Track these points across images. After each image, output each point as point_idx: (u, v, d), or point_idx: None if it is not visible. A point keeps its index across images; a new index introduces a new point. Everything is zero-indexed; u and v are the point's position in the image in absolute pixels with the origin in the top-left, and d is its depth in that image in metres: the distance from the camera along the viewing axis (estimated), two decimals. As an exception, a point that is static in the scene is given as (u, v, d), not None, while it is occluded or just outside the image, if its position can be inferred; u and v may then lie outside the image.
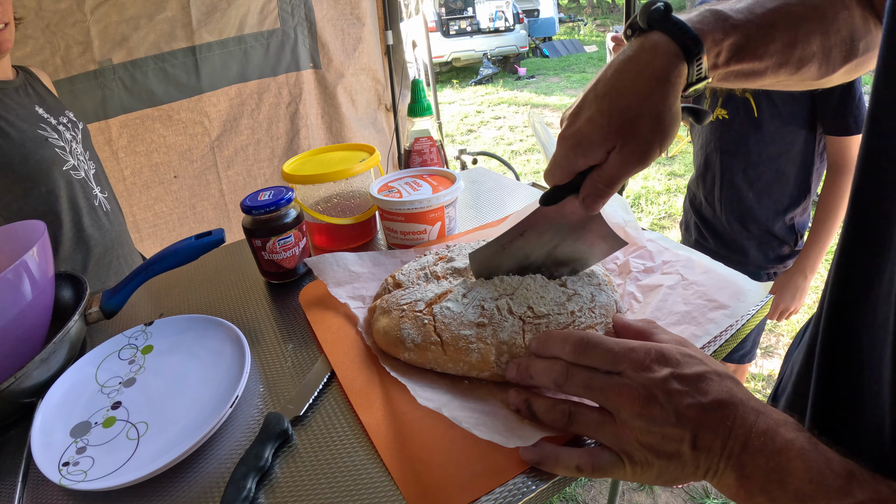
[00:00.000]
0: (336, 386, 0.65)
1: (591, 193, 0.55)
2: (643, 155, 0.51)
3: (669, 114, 0.50)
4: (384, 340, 0.65)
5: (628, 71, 0.51)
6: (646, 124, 0.50)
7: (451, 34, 10.40)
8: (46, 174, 1.26)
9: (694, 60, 0.49)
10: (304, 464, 0.55)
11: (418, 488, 0.50)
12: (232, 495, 0.50)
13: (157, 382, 0.68)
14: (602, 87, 0.52)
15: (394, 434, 0.56)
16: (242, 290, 0.90)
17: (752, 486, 0.40)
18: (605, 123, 0.51)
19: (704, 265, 0.73)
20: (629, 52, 0.51)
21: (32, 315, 0.70)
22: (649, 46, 0.50)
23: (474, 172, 1.27)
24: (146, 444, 0.59)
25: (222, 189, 2.33)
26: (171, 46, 2.09)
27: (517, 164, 5.78)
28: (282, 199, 0.83)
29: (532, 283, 0.64)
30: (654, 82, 0.49)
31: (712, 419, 0.43)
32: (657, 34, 0.50)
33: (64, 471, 0.56)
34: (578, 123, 0.53)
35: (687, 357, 0.47)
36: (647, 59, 0.50)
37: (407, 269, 0.74)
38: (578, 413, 0.49)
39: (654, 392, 0.45)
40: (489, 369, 0.59)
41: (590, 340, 0.50)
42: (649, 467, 0.45)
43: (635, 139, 0.50)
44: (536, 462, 0.50)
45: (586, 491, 2.05)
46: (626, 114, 0.50)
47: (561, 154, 0.54)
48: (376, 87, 2.68)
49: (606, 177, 0.53)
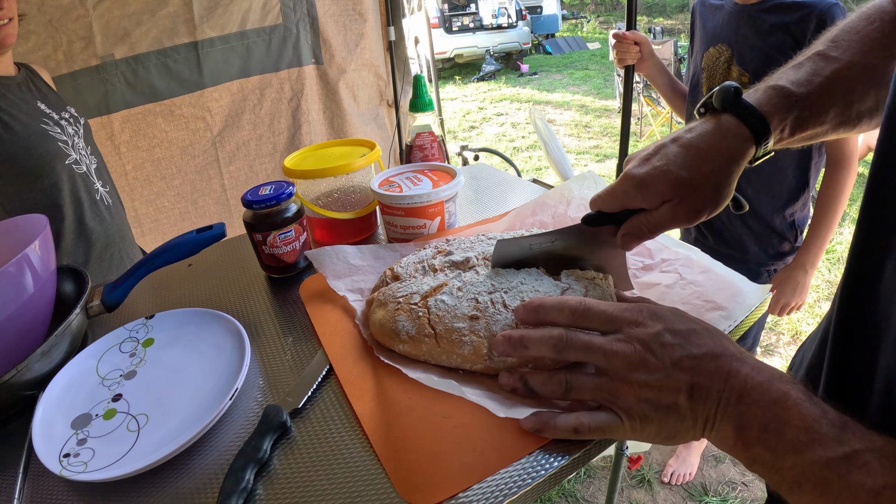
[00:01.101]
0: (334, 379, 0.65)
1: (632, 233, 0.60)
2: (694, 216, 0.56)
3: (728, 189, 0.56)
4: (380, 332, 0.66)
5: (706, 143, 0.55)
6: (707, 192, 0.55)
7: (454, 30, 10.39)
8: (49, 168, 1.27)
9: (762, 141, 0.54)
10: (302, 456, 0.55)
11: (407, 477, 0.50)
12: (231, 486, 0.50)
13: (157, 375, 0.68)
14: (681, 146, 0.56)
15: (385, 424, 0.56)
16: (243, 284, 0.90)
17: (748, 437, 0.42)
18: (672, 179, 0.55)
19: (703, 265, 0.73)
20: (708, 127, 0.56)
21: (34, 308, 0.70)
22: (723, 128, 0.55)
23: (475, 168, 1.27)
24: (146, 435, 0.59)
25: (224, 184, 2.34)
26: (174, 42, 2.09)
27: (519, 161, 5.78)
28: (283, 193, 0.83)
29: (527, 276, 0.65)
30: (725, 161, 0.55)
31: (706, 370, 0.45)
32: (728, 116, 0.55)
33: (65, 462, 0.56)
34: (648, 168, 0.57)
35: (678, 315, 0.51)
36: (724, 137, 0.55)
37: (405, 263, 0.74)
38: (575, 379, 0.51)
39: (650, 345, 0.47)
40: (481, 362, 0.60)
41: (587, 303, 0.53)
42: (648, 422, 0.47)
43: (693, 202, 0.55)
44: (537, 429, 0.52)
45: (585, 487, 2.05)
46: (694, 177, 0.55)
47: (621, 188, 0.58)
48: (378, 83, 2.68)
49: (653, 223, 0.58)
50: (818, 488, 0.38)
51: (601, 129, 6.64)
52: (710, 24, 1.54)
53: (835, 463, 0.37)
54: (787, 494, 0.40)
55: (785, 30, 1.33)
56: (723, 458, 2.13)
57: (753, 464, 0.42)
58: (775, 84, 0.55)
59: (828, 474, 0.37)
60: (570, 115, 7.30)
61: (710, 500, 1.95)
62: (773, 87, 0.55)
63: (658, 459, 2.14)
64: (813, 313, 2.95)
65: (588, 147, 6.14)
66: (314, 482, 0.52)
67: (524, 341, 0.54)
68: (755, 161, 0.57)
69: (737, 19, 1.43)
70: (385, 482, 0.51)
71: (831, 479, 0.37)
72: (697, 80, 1.59)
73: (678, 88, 1.76)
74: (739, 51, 1.44)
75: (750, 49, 1.41)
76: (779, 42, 1.35)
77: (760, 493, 1.97)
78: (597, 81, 8.80)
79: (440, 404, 0.57)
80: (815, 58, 0.56)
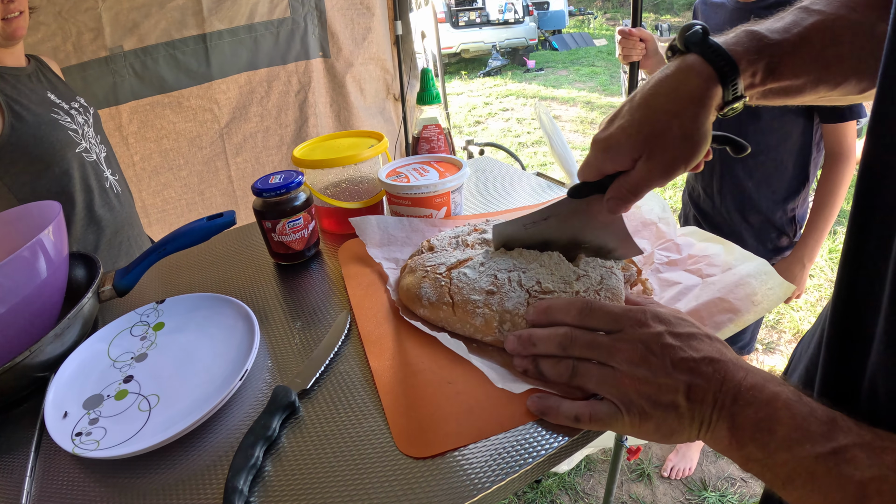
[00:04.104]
0: (341, 361, 0.67)
1: (615, 197, 0.58)
2: (668, 168, 0.54)
3: (698, 133, 0.53)
4: (406, 295, 0.72)
5: (664, 88, 0.54)
6: (674, 140, 0.53)
7: (461, 25, 10.37)
8: (60, 156, 1.29)
9: (729, 83, 0.52)
10: (309, 435, 0.57)
11: (406, 430, 0.55)
12: (240, 462, 0.51)
13: (168, 358, 0.70)
14: (638, 99, 0.55)
15: (396, 382, 0.61)
16: (252, 271, 0.91)
17: (742, 436, 0.43)
18: (634, 133, 0.54)
19: (729, 262, 0.71)
20: (667, 71, 0.54)
21: (47, 292, 0.71)
22: (685, 67, 0.53)
23: (481, 161, 1.28)
24: (158, 415, 0.60)
25: (231, 176, 2.35)
26: (182, 34, 2.10)
27: (524, 156, 5.77)
28: (292, 182, 0.84)
29: (548, 259, 0.68)
30: (687, 102, 0.52)
31: (704, 372, 0.46)
32: (693, 56, 0.53)
33: (77, 440, 0.57)
34: (611, 129, 0.56)
35: (680, 319, 0.52)
36: (682, 78, 0.53)
37: (442, 236, 0.79)
38: (581, 365, 0.53)
39: (651, 345, 0.49)
40: (491, 334, 0.63)
41: (593, 304, 0.56)
42: (647, 418, 0.48)
43: (662, 153, 0.53)
44: (541, 412, 0.54)
45: (585, 480, 2.07)
46: (656, 127, 0.53)
47: (592, 155, 0.58)
48: (385, 77, 2.69)
49: (631, 184, 0.56)
50: (809, 483, 0.39)
51: (607, 126, 6.60)
52: (711, 22, 1.55)
53: (823, 457, 0.38)
54: (781, 490, 0.41)
55: None
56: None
57: (748, 462, 0.43)
58: (749, 28, 0.54)
59: (817, 469, 0.38)
60: (575, 111, 7.28)
61: (709, 496, 1.96)
62: (746, 30, 0.53)
63: (658, 454, 2.15)
64: (815, 312, 2.95)
65: (593, 144, 6.11)
66: (322, 460, 0.53)
67: (532, 339, 0.57)
68: (726, 108, 0.54)
69: (738, 17, 1.45)
70: (392, 462, 0.52)
71: (821, 473, 0.38)
72: None
73: None
74: None
75: None
76: None
77: (759, 489, 1.97)
78: (603, 78, 8.77)
79: (447, 371, 0.61)
80: (796, 11, 0.54)
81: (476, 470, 0.50)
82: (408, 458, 0.52)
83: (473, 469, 0.50)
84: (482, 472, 0.50)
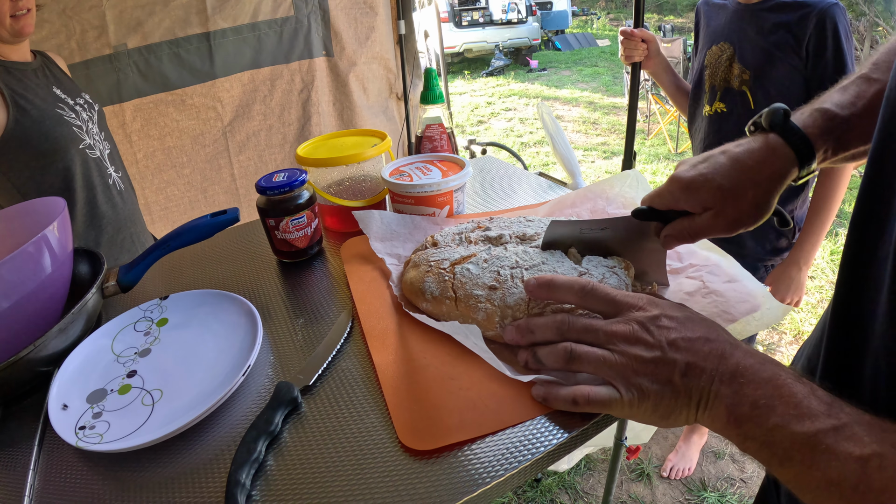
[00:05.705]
0: (343, 358, 0.67)
1: (673, 235, 0.63)
2: (732, 226, 0.59)
3: (767, 205, 0.58)
4: (409, 289, 0.73)
5: (752, 159, 0.58)
6: (746, 205, 0.58)
7: (464, 25, 10.38)
8: (63, 151, 1.29)
9: (806, 163, 0.57)
10: (311, 430, 0.57)
11: (409, 424, 0.55)
12: (243, 456, 0.52)
13: (171, 353, 0.70)
14: (728, 158, 0.59)
15: (399, 377, 0.62)
16: (255, 268, 0.92)
17: (740, 414, 0.43)
18: (715, 187, 0.58)
19: (731, 274, 0.72)
20: (755, 145, 0.58)
21: (51, 287, 0.72)
22: (769, 148, 0.57)
23: (483, 161, 1.28)
24: (161, 409, 0.61)
25: (234, 174, 2.36)
26: (186, 32, 2.11)
27: (526, 156, 5.77)
28: (296, 180, 0.85)
29: (550, 257, 0.69)
30: (768, 178, 0.57)
31: (701, 350, 0.47)
32: (775, 137, 0.57)
33: (80, 434, 0.58)
34: (695, 173, 0.60)
35: (676, 305, 0.54)
36: (768, 157, 0.57)
37: (446, 232, 0.80)
38: (578, 348, 0.54)
39: (647, 325, 0.51)
40: (493, 329, 0.64)
41: (593, 285, 0.57)
42: (644, 398, 0.48)
43: (732, 212, 0.58)
44: (543, 398, 0.55)
45: (585, 480, 2.07)
46: (735, 189, 0.57)
47: (668, 188, 0.62)
48: (388, 76, 2.69)
49: (694, 229, 0.61)
50: (808, 459, 0.39)
51: (609, 126, 6.62)
52: (713, 22, 1.56)
53: (823, 434, 0.38)
54: (778, 469, 0.41)
55: (786, 28, 1.35)
56: (722, 454, 2.14)
57: (745, 440, 0.43)
58: (820, 107, 0.58)
59: (816, 445, 0.38)
60: (578, 111, 7.29)
61: (709, 496, 1.96)
62: (819, 109, 0.57)
63: (658, 454, 2.15)
64: (816, 314, 2.95)
65: (596, 144, 6.13)
66: (323, 454, 0.54)
67: (530, 327, 0.59)
68: (798, 180, 0.59)
69: (739, 18, 1.46)
70: (392, 458, 0.52)
71: (820, 450, 0.38)
72: (700, 78, 1.61)
73: (682, 87, 1.77)
74: (741, 48, 1.46)
75: (751, 47, 1.43)
76: (779, 40, 1.36)
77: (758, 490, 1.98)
78: (606, 78, 8.78)
79: (449, 367, 0.62)
80: (858, 80, 0.58)
81: (476, 465, 0.51)
82: (408, 453, 0.53)
83: (473, 465, 0.51)
84: (482, 467, 0.50)
